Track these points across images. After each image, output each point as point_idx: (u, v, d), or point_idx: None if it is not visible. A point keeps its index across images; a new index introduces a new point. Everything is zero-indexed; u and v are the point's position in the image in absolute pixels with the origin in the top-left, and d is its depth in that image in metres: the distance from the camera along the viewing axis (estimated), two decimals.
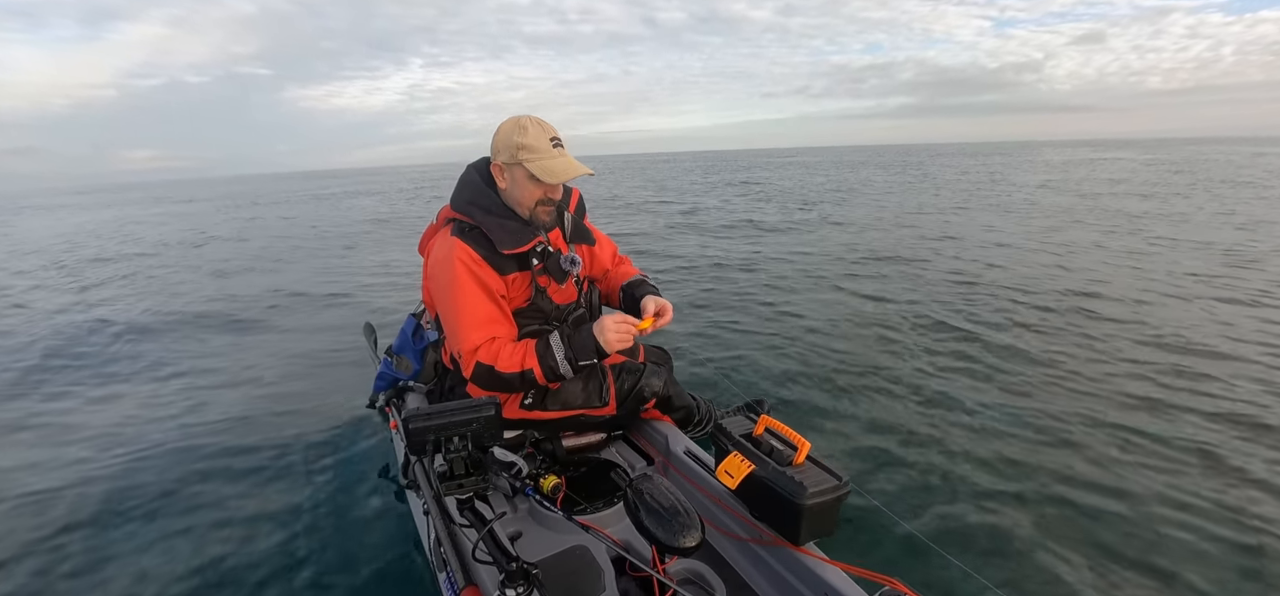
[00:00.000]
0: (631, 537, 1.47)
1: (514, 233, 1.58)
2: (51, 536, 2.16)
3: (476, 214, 1.59)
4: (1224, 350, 3.59)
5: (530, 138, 1.52)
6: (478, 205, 1.60)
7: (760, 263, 6.75)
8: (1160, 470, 2.34)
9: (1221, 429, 2.65)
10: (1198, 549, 1.92)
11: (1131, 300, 4.74)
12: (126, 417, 3.20)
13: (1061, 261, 6.34)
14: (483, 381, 1.57)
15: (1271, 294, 4.77)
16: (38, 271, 8.59)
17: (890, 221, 9.87)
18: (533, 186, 1.56)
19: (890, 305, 4.82)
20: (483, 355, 1.55)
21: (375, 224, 13.23)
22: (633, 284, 1.89)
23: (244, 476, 2.52)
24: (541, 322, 1.70)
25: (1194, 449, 2.48)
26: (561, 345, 1.57)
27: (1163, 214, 9.81)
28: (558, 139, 1.56)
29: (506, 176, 1.58)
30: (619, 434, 1.99)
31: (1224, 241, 7.16)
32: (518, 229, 1.59)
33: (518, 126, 1.54)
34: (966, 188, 16.18)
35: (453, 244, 1.57)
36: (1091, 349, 3.68)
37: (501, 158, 1.56)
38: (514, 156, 1.53)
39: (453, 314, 1.57)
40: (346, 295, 6.05)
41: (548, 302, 1.70)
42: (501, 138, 1.56)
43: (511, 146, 1.53)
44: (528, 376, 1.56)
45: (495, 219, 1.58)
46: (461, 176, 1.68)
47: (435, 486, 1.45)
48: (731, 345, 3.95)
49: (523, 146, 1.52)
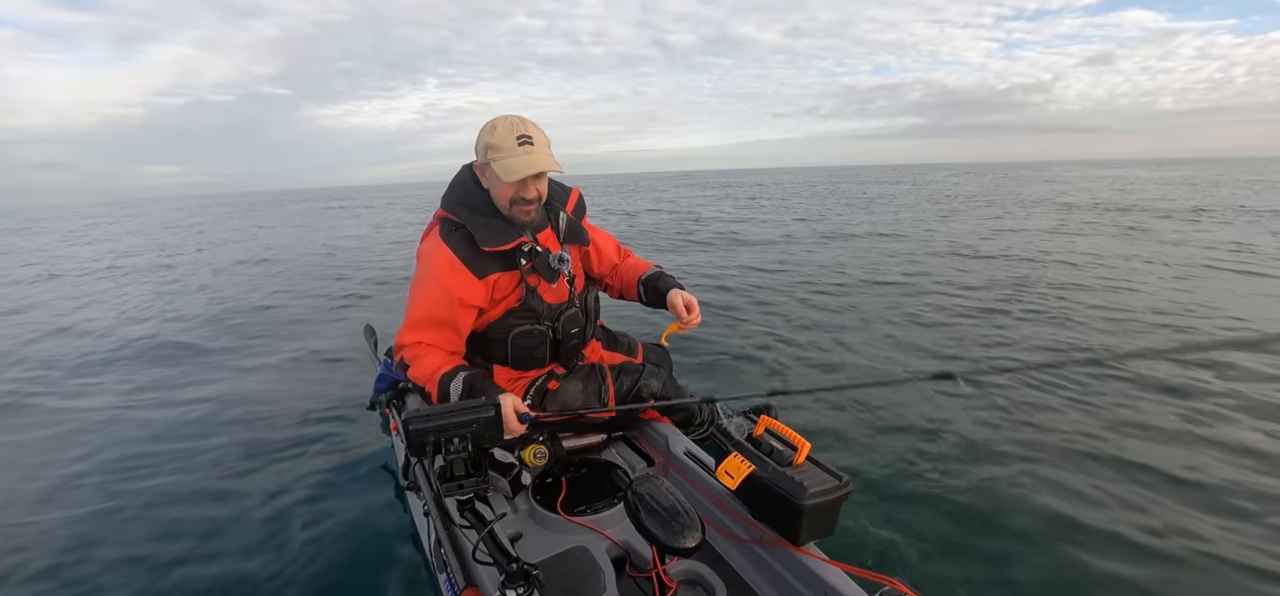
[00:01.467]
0: (632, 538, 1.47)
1: (497, 231, 1.58)
2: (41, 537, 2.15)
3: (462, 213, 1.60)
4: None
5: (497, 137, 1.52)
6: (464, 204, 1.62)
7: (763, 268, 6.75)
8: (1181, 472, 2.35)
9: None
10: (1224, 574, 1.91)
11: (1148, 297, 4.74)
12: (125, 415, 3.20)
13: (1076, 263, 6.34)
14: (403, 372, 1.65)
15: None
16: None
17: (889, 225, 9.87)
18: (504, 185, 1.55)
19: (891, 304, 4.83)
20: (406, 353, 1.62)
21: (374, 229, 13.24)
22: (652, 276, 1.87)
23: (243, 476, 2.51)
24: (534, 322, 1.70)
25: (1229, 448, 2.49)
26: (462, 388, 1.50)
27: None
28: (527, 137, 1.52)
29: (486, 177, 1.60)
30: (619, 435, 2.00)
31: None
32: (501, 227, 1.59)
33: (489, 126, 1.55)
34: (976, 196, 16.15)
35: (437, 244, 1.60)
36: (1102, 347, 3.68)
37: (478, 159, 1.59)
38: (485, 156, 1.55)
39: (408, 305, 1.64)
40: (345, 295, 6.05)
41: (539, 302, 1.69)
42: (480, 139, 1.58)
43: (483, 147, 1.56)
44: (426, 392, 1.62)
45: (481, 218, 1.59)
46: (454, 177, 1.69)
47: (435, 487, 1.45)
48: (733, 347, 3.95)
49: (490, 146, 1.53)
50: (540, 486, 1.70)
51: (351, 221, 17.08)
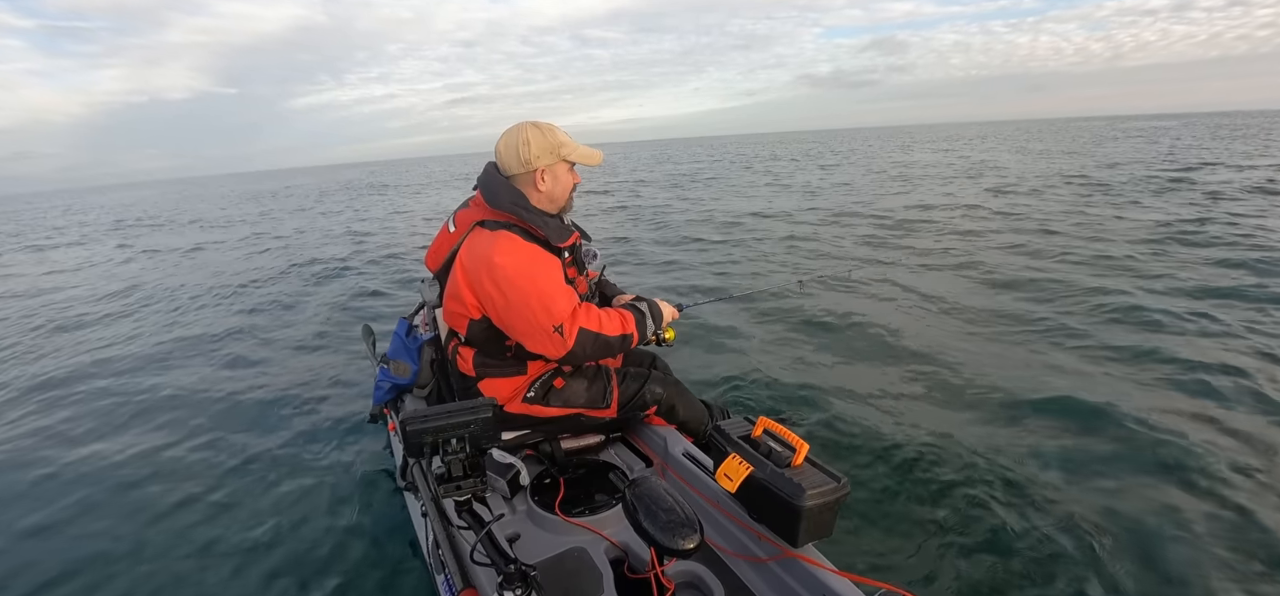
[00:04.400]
0: (630, 539, 1.47)
1: (558, 231, 1.65)
2: (36, 543, 2.15)
3: (523, 215, 1.61)
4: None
5: (561, 136, 1.63)
6: (521, 206, 1.62)
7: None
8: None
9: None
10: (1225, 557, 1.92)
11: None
12: (122, 414, 3.20)
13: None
14: (586, 347, 1.59)
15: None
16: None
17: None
18: (571, 177, 1.68)
19: (892, 306, 4.82)
20: (583, 320, 1.58)
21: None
22: (599, 282, 1.98)
23: (243, 476, 2.51)
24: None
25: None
26: (649, 314, 1.72)
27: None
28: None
29: (549, 177, 1.64)
30: (618, 436, 1.99)
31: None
32: (560, 227, 1.67)
33: (534, 131, 1.62)
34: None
35: (510, 236, 1.59)
36: (1105, 346, 3.68)
37: (544, 161, 1.62)
38: (556, 155, 1.62)
39: (538, 292, 1.55)
40: (345, 295, 6.05)
41: (575, 292, 1.72)
42: (536, 145, 1.60)
43: (551, 147, 1.61)
44: (627, 339, 1.66)
45: (540, 217, 1.63)
46: (490, 181, 1.66)
47: (433, 488, 1.45)
48: (729, 349, 3.95)
49: (561, 143, 1.63)
50: (538, 487, 1.70)
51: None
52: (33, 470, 2.67)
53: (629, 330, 1.65)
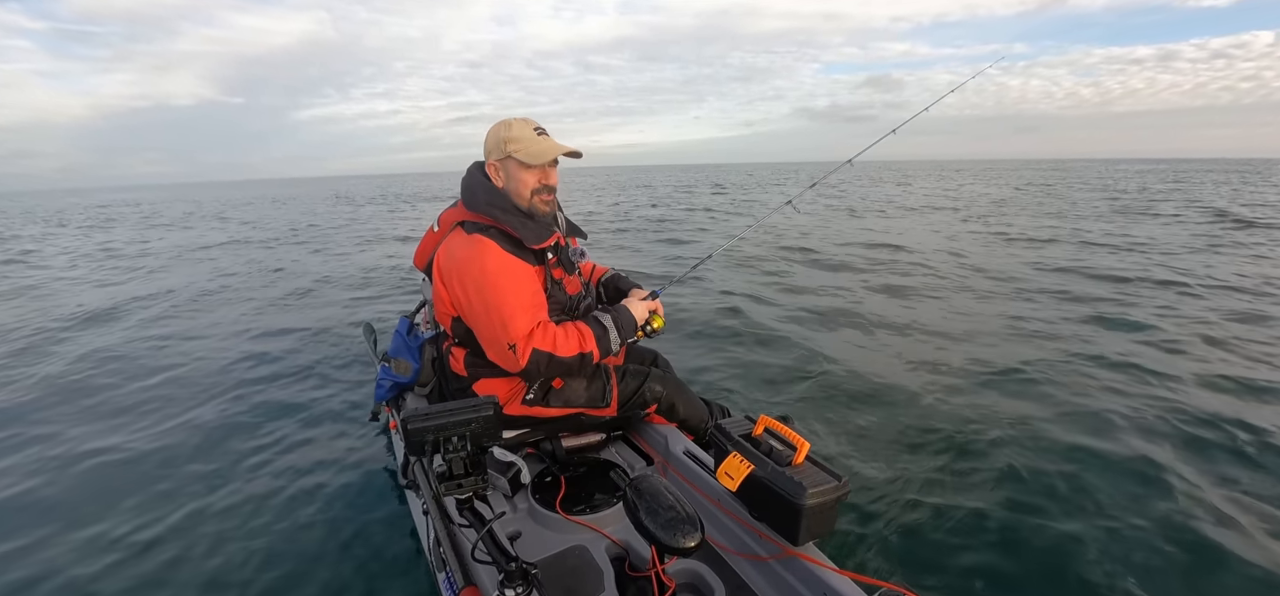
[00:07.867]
0: (631, 538, 1.47)
1: (536, 230, 1.61)
2: (40, 541, 2.15)
3: (498, 214, 1.59)
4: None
5: (515, 131, 1.58)
6: (497, 206, 1.60)
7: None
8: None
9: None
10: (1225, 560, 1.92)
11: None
12: (121, 412, 3.20)
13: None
14: (540, 367, 1.55)
15: None
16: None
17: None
18: (526, 174, 1.59)
19: (892, 304, 4.83)
20: (538, 341, 1.54)
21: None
22: (613, 277, 1.96)
23: (243, 473, 2.51)
24: (559, 314, 1.71)
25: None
26: (611, 326, 1.65)
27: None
28: (541, 129, 1.61)
29: (501, 173, 1.61)
30: (619, 434, 1.99)
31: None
32: (537, 226, 1.62)
33: (502, 125, 1.60)
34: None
35: (481, 241, 1.56)
36: (1106, 347, 3.68)
37: (493, 157, 1.61)
38: (503, 151, 1.58)
39: (497, 305, 1.53)
40: (344, 295, 6.05)
41: (562, 294, 1.72)
42: (490, 139, 1.60)
43: (499, 143, 1.59)
44: (586, 358, 1.60)
45: (517, 217, 1.59)
46: (470, 180, 1.66)
47: (434, 486, 1.44)
48: (731, 355, 3.95)
49: (509, 139, 1.57)
50: (539, 485, 1.70)
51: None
52: (33, 470, 2.67)
53: (587, 348, 1.59)
